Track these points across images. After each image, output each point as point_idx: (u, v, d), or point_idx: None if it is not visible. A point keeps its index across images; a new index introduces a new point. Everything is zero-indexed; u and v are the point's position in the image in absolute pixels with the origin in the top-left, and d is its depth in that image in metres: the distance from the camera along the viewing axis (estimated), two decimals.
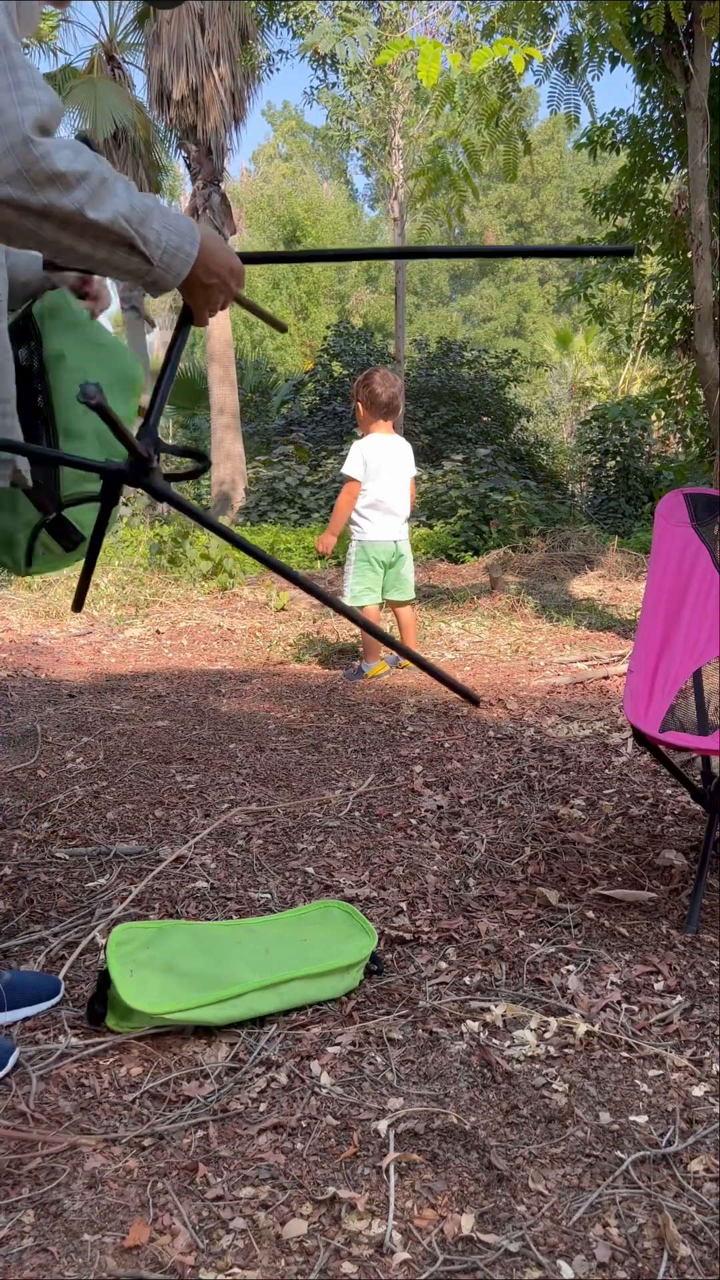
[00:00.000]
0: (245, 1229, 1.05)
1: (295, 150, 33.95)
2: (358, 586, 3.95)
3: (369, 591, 3.95)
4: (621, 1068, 1.33)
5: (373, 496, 3.90)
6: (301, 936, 1.59)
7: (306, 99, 26.18)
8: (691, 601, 2.03)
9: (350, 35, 9.20)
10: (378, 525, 3.92)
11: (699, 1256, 1.01)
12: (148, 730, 3.12)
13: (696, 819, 2.28)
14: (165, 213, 1.22)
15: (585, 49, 4.90)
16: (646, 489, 12.57)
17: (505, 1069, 1.32)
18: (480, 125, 4.87)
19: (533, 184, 33.63)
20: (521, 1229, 1.04)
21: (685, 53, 4.73)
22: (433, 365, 14.93)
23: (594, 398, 19.52)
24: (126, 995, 1.37)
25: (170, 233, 1.21)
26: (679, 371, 8.91)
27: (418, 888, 1.92)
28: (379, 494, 3.90)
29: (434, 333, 23.47)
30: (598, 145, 6.76)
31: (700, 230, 4.78)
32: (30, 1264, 1.01)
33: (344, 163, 30.46)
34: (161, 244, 1.20)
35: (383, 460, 3.90)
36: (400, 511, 3.96)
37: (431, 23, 9.40)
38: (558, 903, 1.84)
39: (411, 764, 2.76)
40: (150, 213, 1.18)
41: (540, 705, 3.35)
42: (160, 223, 1.19)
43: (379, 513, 3.92)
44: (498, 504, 8.93)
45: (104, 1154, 1.17)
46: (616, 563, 6.92)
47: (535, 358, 21.52)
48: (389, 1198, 1.09)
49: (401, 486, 3.95)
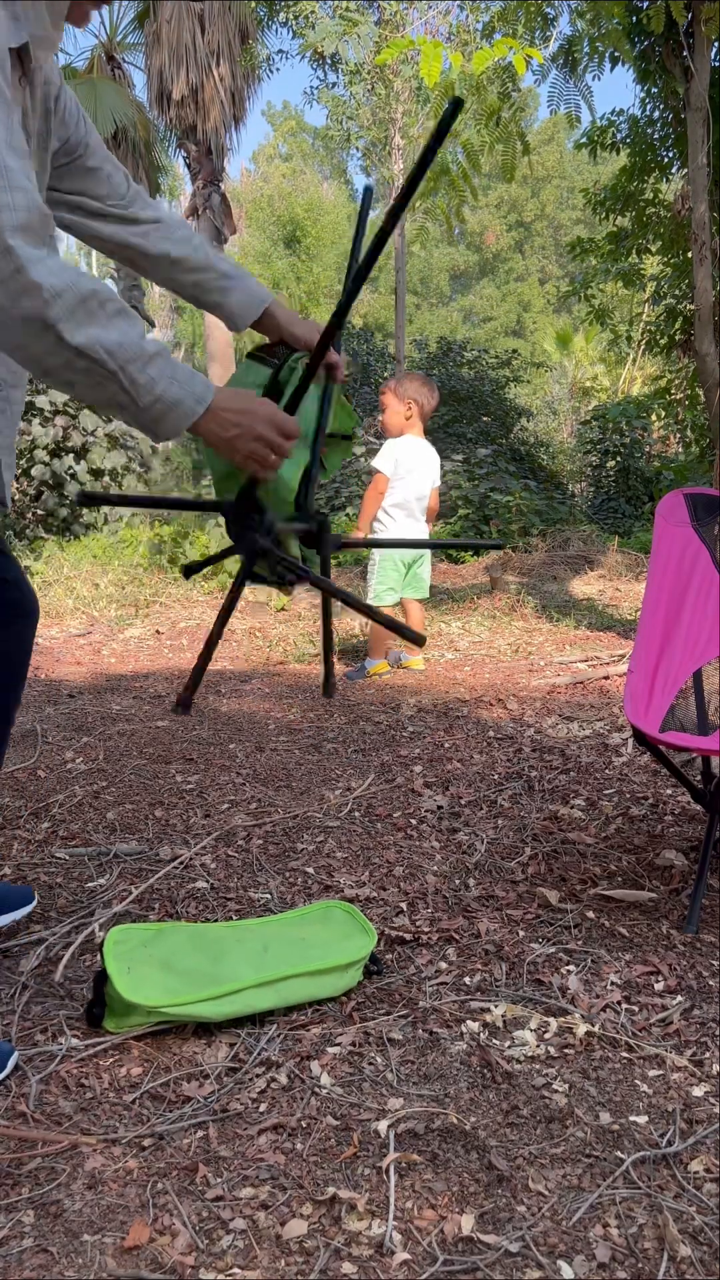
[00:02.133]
0: (245, 1229, 1.05)
1: (295, 150, 33.95)
2: (380, 586, 3.97)
3: (391, 591, 3.98)
4: (621, 1068, 1.33)
5: (399, 496, 3.92)
6: (301, 935, 1.59)
7: (306, 99, 26.21)
8: (691, 601, 2.03)
9: (351, 35, 9.21)
10: (402, 525, 3.95)
11: (699, 1256, 1.01)
12: (148, 730, 3.12)
13: (696, 819, 2.28)
14: (174, 364, 1.18)
15: (585, 49, 4.90)
16: (646, 489, 12.56)
17: (505, 1069, 1.32)
18: (480, 125, 4.88)
19: (533, 184, 33.62)
20: (522, 1229, 1.04)
21: (685, 52, 4.72)
22: (433, 365, 14.92)
23: (594, 398, 19.52)
24: (124, 990, 1.37)
25: (172, 384, 1.17)
26: (679, 371, 8.90)
27: (418, 888, 1.92)
28: (405, 494, 3.92)
29: (434, 333, 23.47)
30: (598, 145, 6.76)
31: (701, 230, 4.78)
32: (30, 1264, 1.01)
33: (344, 163, 30.49)
34: (155, 392, 1.16)
35: (414, 462, 3.92)
36: (422, 515, 3.99)
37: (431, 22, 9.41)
38: (558, 903, 1.84)
39: (411, 764, 2.76)
40: (149, 357, 1.15)
41: (540, 705, 3.35)
42: (161, 370, 1.16)
43: (404, 513, 3.94)
44: (498, 504, 8.93)
45: (104, 1154, 1.17)
46: (616, 563, 6.91)
47: (535, 358, 21.51)
48: (389, 1198, 1.09)
49: (427, 491, 3.98)
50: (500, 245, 35.09)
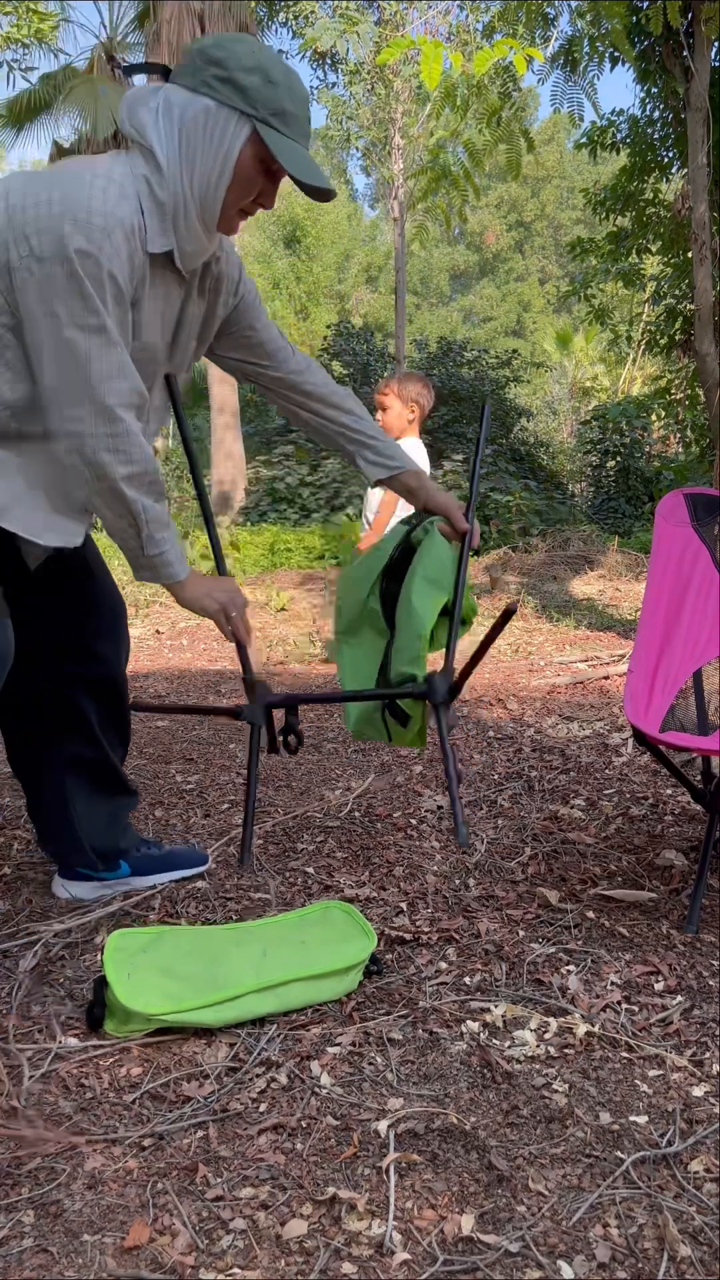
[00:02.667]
0: (245, 1229, 1.05)
1: None
2: None
3: None
4: (621, 1068, 1.33)
5: None
6: (300, 938, 1.58)
7: None
8: (691, 602, 2.03)
9: (351, 33, 9.21)
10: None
11: (699, 1257, 1.01)
12: (148, 730, 3.11)
13: (696, 819, 2.28)
14: (178, 549, 1.64)
15: (585, 49, 4.90)
16: (646, 489, 12.57)
17: (505, 1069, 1.32)
18: (481, 124, 4.88)
19: (533, 184, 33.64)
20: (522, 1229, 1.04)
21: (685, 52, 4.72)
22: (433, 365, 14.93)
23: (594, 398, 19.52)
24: (124, 997, 1.37)
25: (172, 552, 1.62)
26: (679, 371, 8.90)
27: (418, 888, 1.92)
28: None
29: (434, 333, 23.47)
30: (598, 145, 6.76)
31: (701, 230, 4.78)
32: (30, 1264, 1.01)
33: (344, 163, 30.45)
34: (158, 549, 1.59)
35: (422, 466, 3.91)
36: None
37: (431, 22, 9.41)
38: (558, 903, 1.84)
39: (411, 764, 2.76)
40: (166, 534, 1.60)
41: (540, 705, 3.35)
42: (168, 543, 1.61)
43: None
44: (498, 504, 8.93)
45: (104, 1154, 1.17)
46: (616, 563, 6.92)
47: (535, 358, 21.52)
48: (389, 1198, 1.09)
49: None
50: (500, 245, 35.11)
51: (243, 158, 1.49)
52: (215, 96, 1.46)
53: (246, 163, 1.49)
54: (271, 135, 1.48)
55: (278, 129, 1.49)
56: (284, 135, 1.49)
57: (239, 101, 1.46)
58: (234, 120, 1.47)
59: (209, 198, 1.49)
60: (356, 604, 2.15)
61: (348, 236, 32.34)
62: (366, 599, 2.12)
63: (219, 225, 1.55)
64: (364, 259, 32.76)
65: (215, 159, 1.48)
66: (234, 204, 1.53)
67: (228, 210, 1.53)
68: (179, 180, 1.47)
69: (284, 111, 1.48)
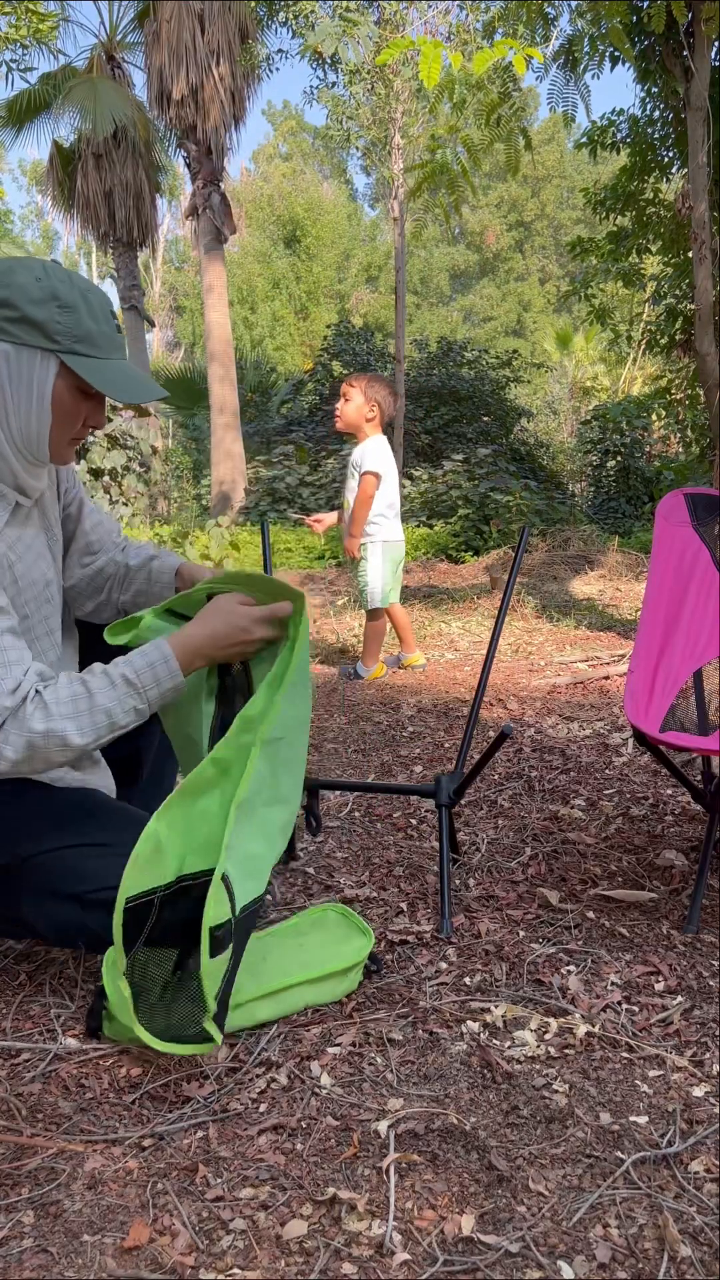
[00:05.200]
0: (245, 1229, 1.05)
1: (295, 150, 33.95)
2: (386, 587, 3.97)
3: (395, 590, 3.99)
4: (622, 1068, 1.33)
5: (391, 497, 3.93)
6: (299, 942, 1.58)
7: (306, 99, 26.16)
8: (691, 602, 2.03)
9: (351, 35, 9.20)
10: (395, 525, 3.97)
11: (699, 1257, 1.01)
12: None
13: (697, 819, 2.28)
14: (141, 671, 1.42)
15: (585, 48, 4.90)
16: (647, 489, 12.57)
17: (505, 1069, 1.32)
18: (479, 122, 4.87)
19: (533, 184, 33.63)
20: (522, 1229, 1.04)
21: (685, 52, 4.72)
22: (433, 365, 14.92)
23: (594, 398, 19.52)
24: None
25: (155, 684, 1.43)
26: (679, 371, 8.90)
27: (418, 888, 1.92)
28: (391, 495, 3.94)
29: (434, 332, 23.47)
30: (598, 145, 6.75)
31: (701, 230, 4.77)
32: (30, 1264, 1.00)
33: (344, 162, 30.49)
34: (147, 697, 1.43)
35: (390, 463, 3.93)
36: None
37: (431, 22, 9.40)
38: (558, 903, 1.84)
39: (411, 764, 2.76)
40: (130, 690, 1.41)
41: (540, 705, 3.35)
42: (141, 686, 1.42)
43: (394, 512, 3.96)
44: (498, 504, 8.93)
45: (104, 1154, 1.17)
46: (617, 563, 6.91)
47: (535, 358, 21.51)
48: (389, 1198, 1.09)
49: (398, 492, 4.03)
50: (500, 245, 35.10)
51: (57, 393, 1.42)
52: (11, 340, 1.38)
53: (63, 396, 1.43)
54: (80, 363, 1.41)
55: (85, 354, 1.41)
56: (94, 358, 1.42)
57: (38, 339, 1.39)
58: (37, 359, 1.40)
59: (33, 440, 1.44)
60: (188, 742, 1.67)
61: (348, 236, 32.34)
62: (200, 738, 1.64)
63: (52, 459, 1.50)
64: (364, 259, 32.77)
65: (29, 402, 1.42)
66: (61, 438, 1.48)
67: (57, 444, 1.48)
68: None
69: (88, 335, 1.41)
